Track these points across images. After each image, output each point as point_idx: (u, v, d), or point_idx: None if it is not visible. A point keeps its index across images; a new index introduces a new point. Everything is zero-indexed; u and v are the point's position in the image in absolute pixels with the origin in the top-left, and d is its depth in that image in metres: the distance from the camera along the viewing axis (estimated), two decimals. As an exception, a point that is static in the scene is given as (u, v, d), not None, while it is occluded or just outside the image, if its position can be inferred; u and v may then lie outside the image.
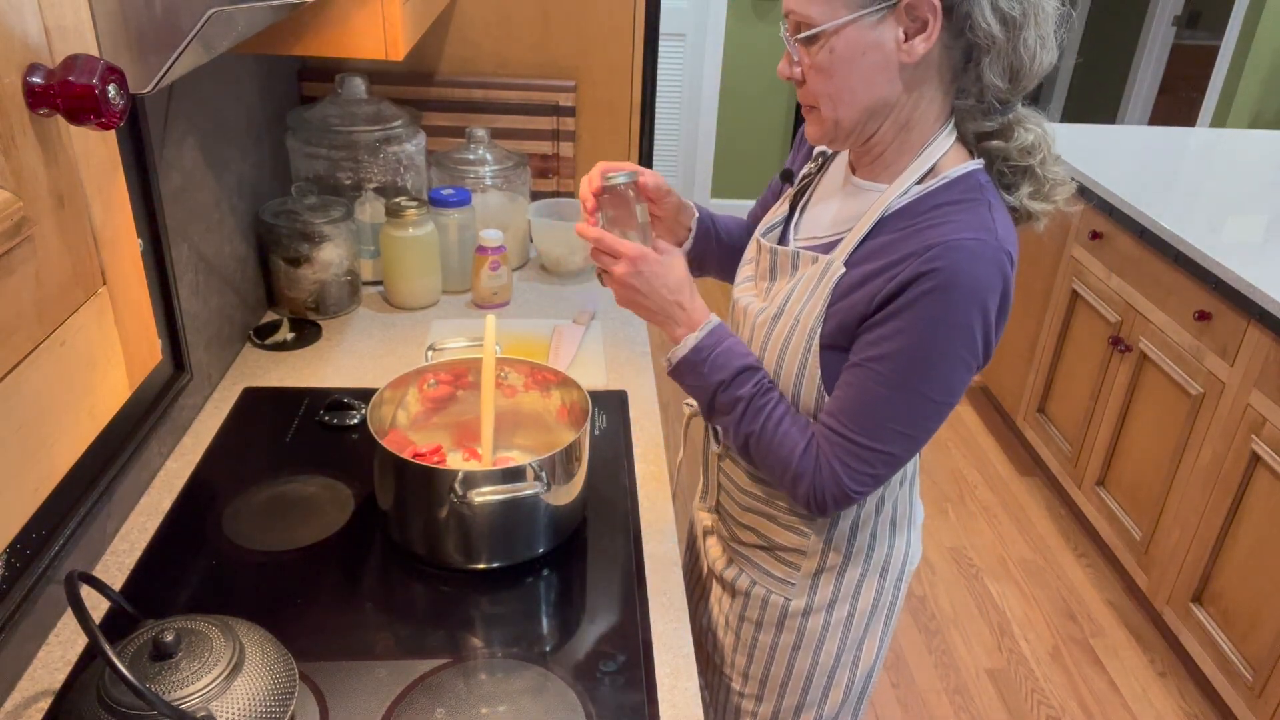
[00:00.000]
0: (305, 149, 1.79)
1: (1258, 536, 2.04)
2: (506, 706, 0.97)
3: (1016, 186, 1.01)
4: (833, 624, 1.20)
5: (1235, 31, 4.44)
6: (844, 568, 1.17)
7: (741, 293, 1.15)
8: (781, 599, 1.20)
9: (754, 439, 1.05)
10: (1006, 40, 0.91)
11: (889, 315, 0.95)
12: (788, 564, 1.18)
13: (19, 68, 0.42)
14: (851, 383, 0.99)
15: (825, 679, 1.24)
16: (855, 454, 0.99)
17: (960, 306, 0.92)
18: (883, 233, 0.99)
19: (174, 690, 0.81)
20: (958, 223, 0.93)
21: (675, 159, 4.82)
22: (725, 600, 1.28)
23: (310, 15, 1.18)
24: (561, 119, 2.02)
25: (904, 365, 0.95)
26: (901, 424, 0.97)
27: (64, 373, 0.48)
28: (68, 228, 0.48)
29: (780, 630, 1.22)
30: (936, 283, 0.91)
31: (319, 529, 1.21)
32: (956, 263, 0.91)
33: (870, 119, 0.97)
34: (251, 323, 1.66)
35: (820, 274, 1.02)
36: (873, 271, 0.97)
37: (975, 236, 0.92)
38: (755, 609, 1.23)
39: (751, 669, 1.27)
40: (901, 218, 0.98)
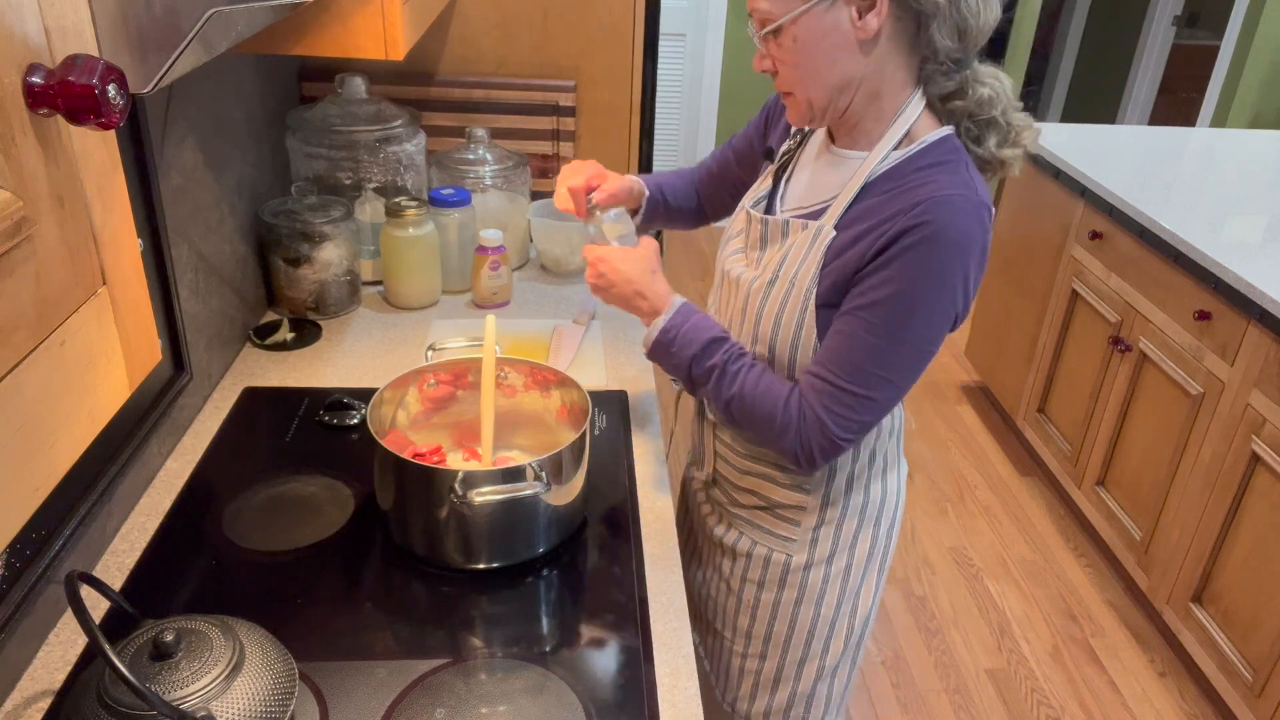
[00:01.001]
0: (305, 149, 1.79)
1: (1258, 536, 2.04)
2: (506, 706, 0.97)
3: (984, 139, 1.08)
4: (832, 576, 1.26)
5: (1235, 31, 4.44)
6: (841, 520, 1.23)
7: (732, 264, 1.20)
8: (783, 556, 1.26)
9: (735, 402, 1.11)
10: (949, 4, 0.98)
11: (878, 266, 1.01)
12: (788, 521, 1.24)
13: (19, 68, 0.42)
14: (840, 331, 1.05)
15: (827, 630, 1.30)
16: (841, 400, 1.05)
17: (946, 258, 0.99)
18: (868, 196, 1.06)
19: (174, 690, 0.81)
20: (940, 182, 1.00)
21: (675, 159, 4.82)
22: (725, 564, 1.33)
23: (310, 15, 1.18)
24: (561, 119, 2.02)
25: (890, 313, 1.01)
26: (886, 369, 1.03)
27: (64, 373, 0.48)
28: (68, 228, 0.48)
29: (783, 587, 1.27)
30: (924, 235, 0.98)
31: (319, 529, 1.21)
32: (942, 217, 0.98)
33: (840, 95, 1.04)
34: (251, 323, 1.66)
35: (812, 239, 1.08)
36: (862, 232, 1.04)
37: (958, 193, 0.99)
38: (757, 569, 1.28)
39: (755, 628, 1.31)
40: (886, 181, 1.05)
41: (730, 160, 1.38)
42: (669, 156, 4.79)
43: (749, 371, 1.11)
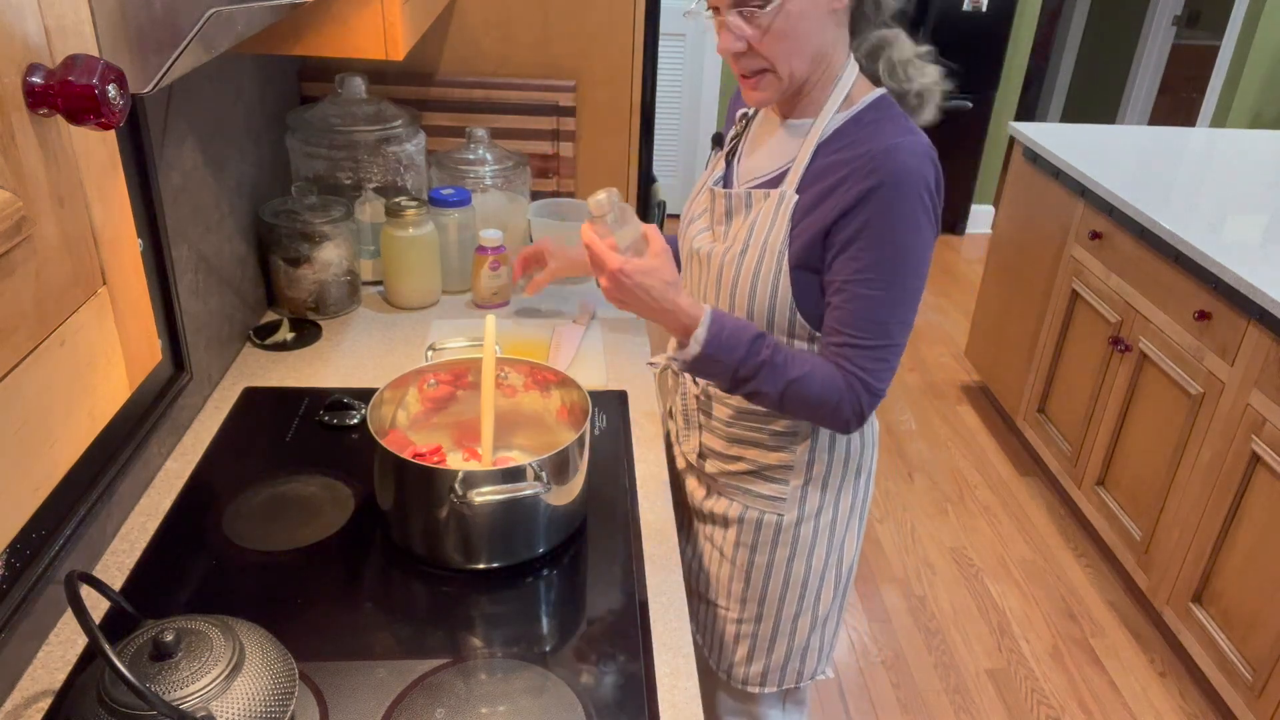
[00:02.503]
0: (305, 149, 1.79)
1: (1258, 536, 2.04)
2: (506, 706, 0.97)
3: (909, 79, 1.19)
4: (820, 529, 1.33)
5: (1235, 31, 4.44)
6: (826, 476, 1.30)
7: (700, 241, 1.26)
8: (775, 516, 1.32)
9: (789, 390, 1.13)
10: None
11: (856, 233, 1.08)
12: (777, 482, 1.30)
13: (19, 68, 0.42)
14: (847, 298, 1.11)
15: (818, 581, 1.37)
16: (872, 356, 1.12)
17: (910, 198, 1.07)
18: (821, 157, 1.14)
19: (174, 690, 0.81)
20: (884, 133, 1.09)
21: (675, 159, 4.82)
22: (717, 533, 1.38)
23: (310, 15, 1.18)
24: (561, 119, 2.02)
25: (887, 267, 1.09)
26: (897, 313, 1.12)
27: (64, 373, 0.48)
28: (68, 228, 0.48)
29: (775, 546, 1.33)
30: (885, 185, 1.06)
31: (319, 529, 1.21)
32: (895, 163, 1.06)
33: (814, 66, 1.12)
34: (251, 323, 1.66)
35: (776, 205, 1.15)
36: (822, 191, 1.11)
37: (900, 139, 1.08)
38: (749, 533, 1.34)
39: (749, 591, 1.37)
40: (835, 140, 1.13)
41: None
42: (669, 156, 4.79)
43: (792, 360, 1.13)
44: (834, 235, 1.10)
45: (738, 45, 1.08)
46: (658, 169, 3.12)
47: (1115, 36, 5.96)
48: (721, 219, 1.23)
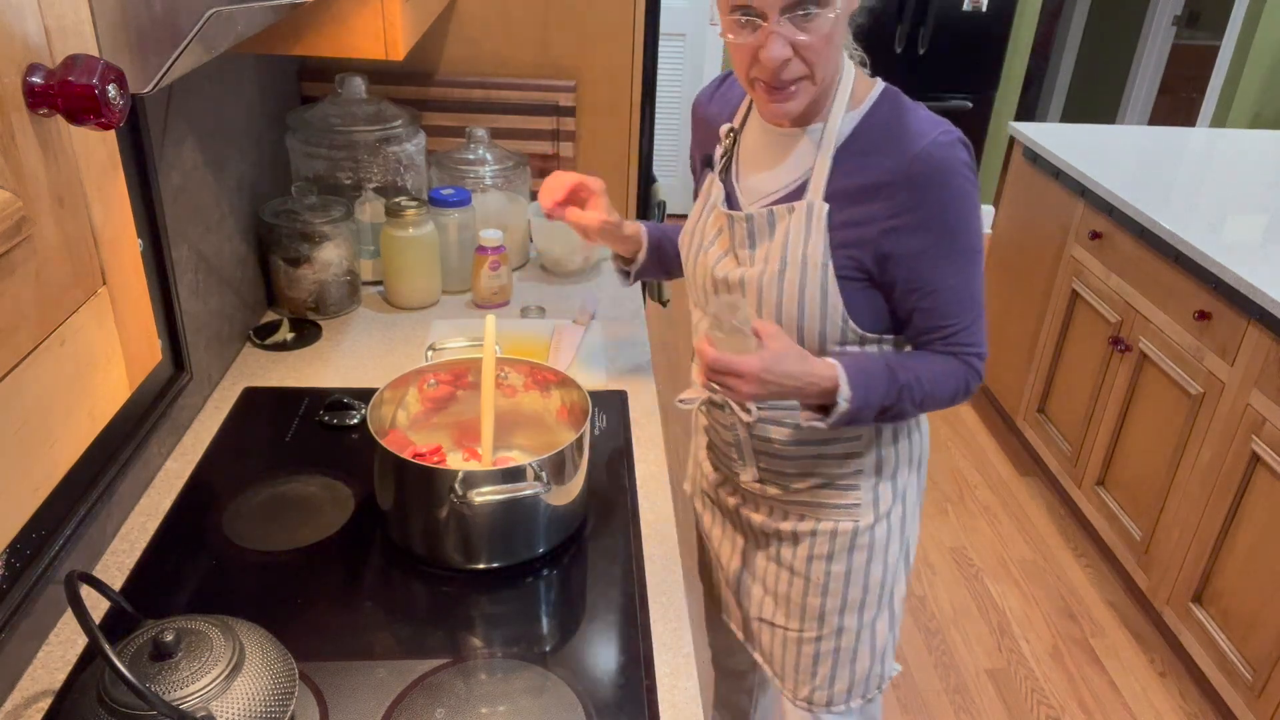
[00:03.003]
0: (305, 149, 1.79)
1: (1258, 536, 2.04)
2: (506, 706, 0.97)
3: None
4: (893, 525, 1.31)
5: (1235, 31, 4.44)
6: (895, 471, 1.29)
7: (724, 269, 1.21)
8: (851, 523, 1.29)
9: (925, 403, 1.15)
10: None
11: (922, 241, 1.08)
12: (850, 489, 1.27)
13: (19, 68, 0.42)
14: (935, 296, 1.12)
15: (892, 578, 1.35)
16: (971, 332, 1.15)
17: (959, 187, 1.08)
18: (844, 161, 1.11)
19: (174, 690, 0.81)
20: (909, 130, 1.08)
21: (675, 159, 4.82)
22: (785, 551, 1.34)
23: (310, 15, 1.18)
24: (561, 119, 2.02)
25: (959, 253, 1.10)
26: (977, 281, 1.14)
27: (64, 373, 0.48)
28: (68, 228, 0.48)
29: (853, 551, 1.30)
30: (935, 187, 1.07)
31: (319, 529, 1.21)
32: (937, 162, 1.06)
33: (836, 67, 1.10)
34: (251, 323, 1.66)
35: (806, 218, 1.12)
36: (858, 197, 1.10)
37: (930, 135, 1.07)
38: (824, 543, 1.30)
39: (828, 604, 1.33)
40: (856, 143, 1.11)
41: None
42: (669, 156, 4.79)
43: (920, 370, 1.13)
44: (892, 245, 1.09)
45: (786, 51, 1.02)
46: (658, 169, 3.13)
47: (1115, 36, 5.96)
48: (744, 243, 1.18)
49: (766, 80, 1.06)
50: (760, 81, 1.07)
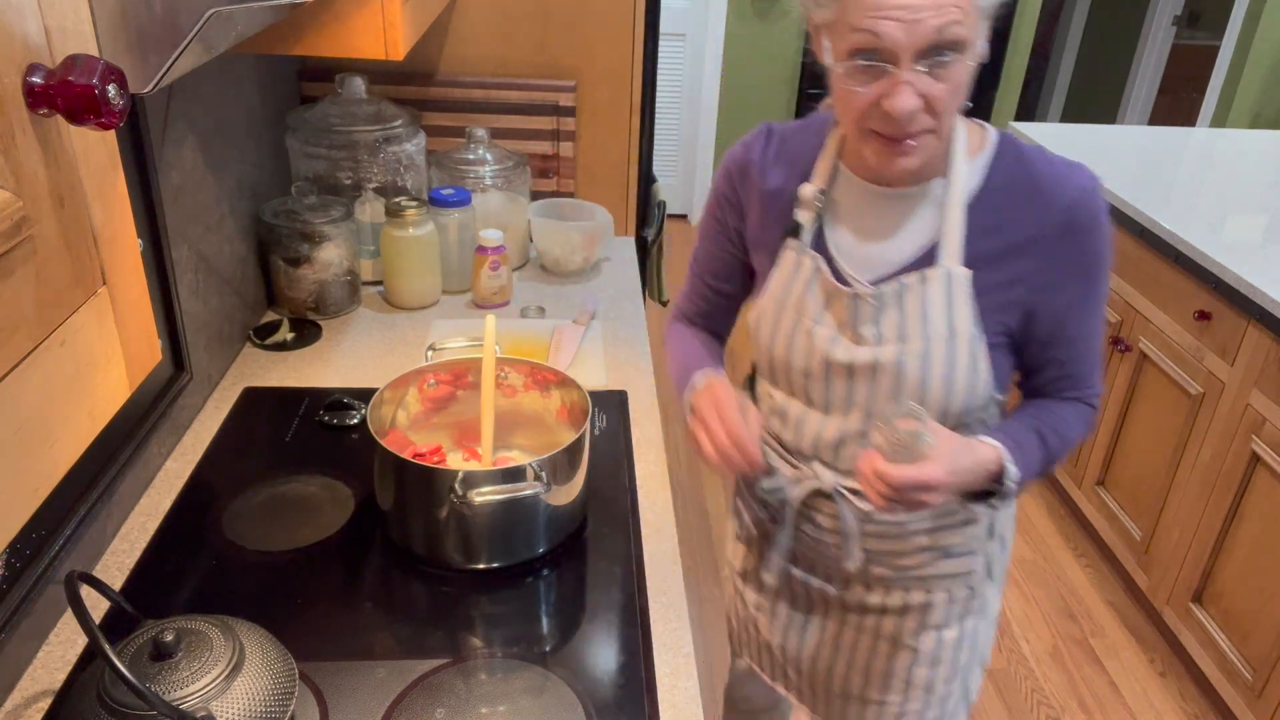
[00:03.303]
0: (305, 149, 1.79)
1: (1258, 536, 2.04)
2: (506, 706, 0.97)
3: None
4: (995, 579, 1.26)
5: (1235, 31, 4.44)
6: (997, 525, 1.22)
7: (843, 352, 1.07)
8: (967, 589, 1.22)
9: (1064, 457, 1.11)
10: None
11: (1074, 291, 1.03)
12: (967, 554, 1.20)
13: (19, 68, 0.42)
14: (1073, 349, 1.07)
15: (992, 632, 1.30)
16: (1096, 375, 1.11)
17: (1107, 229, 1.03)
18: (977, 218, 1.02)
19: (174, 690, 0.81)
20: (1053, 176, 1.01)
21: (675, 159, 4.82)
22: (891, 625, 1.23)
23: (310, 15, 1.18)
24: (561, 119, 2.02)
25: (1097, 300, 1.06)
26: (1099, 329, 1.09)
27: (64, 373, 0.48)
28: (68, 228, 0.48)
29: (966, 617, 1.24)
30: (1091, 231, 1.01)
31: (319, 529, 1.21)
32: (1093, 206, 1.00)
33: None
34: (251, 323, 1.66)
35: (945, 288, 1.02)
36: (1003, 256, 1.02)
37: (1078, 176, 1.01)
38: (940, 612, 1.22)
39: (937, 672, 1.25)
40: (988, 196, 1.02)
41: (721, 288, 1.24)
42: (669, 156, 4.79)
43: (1057, 428, 1.08)
44: (1041, 300, 1.03)
45: (914, 102, 0.90)
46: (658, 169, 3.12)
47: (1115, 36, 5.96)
48: (867, 320, 1.05)
49: (888, 133, 0.94)
50: (876, 134, 0.94)
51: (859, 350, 1.06)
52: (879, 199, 1.05)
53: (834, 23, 0.92)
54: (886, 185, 1.04)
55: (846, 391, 1.09)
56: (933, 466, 0.95)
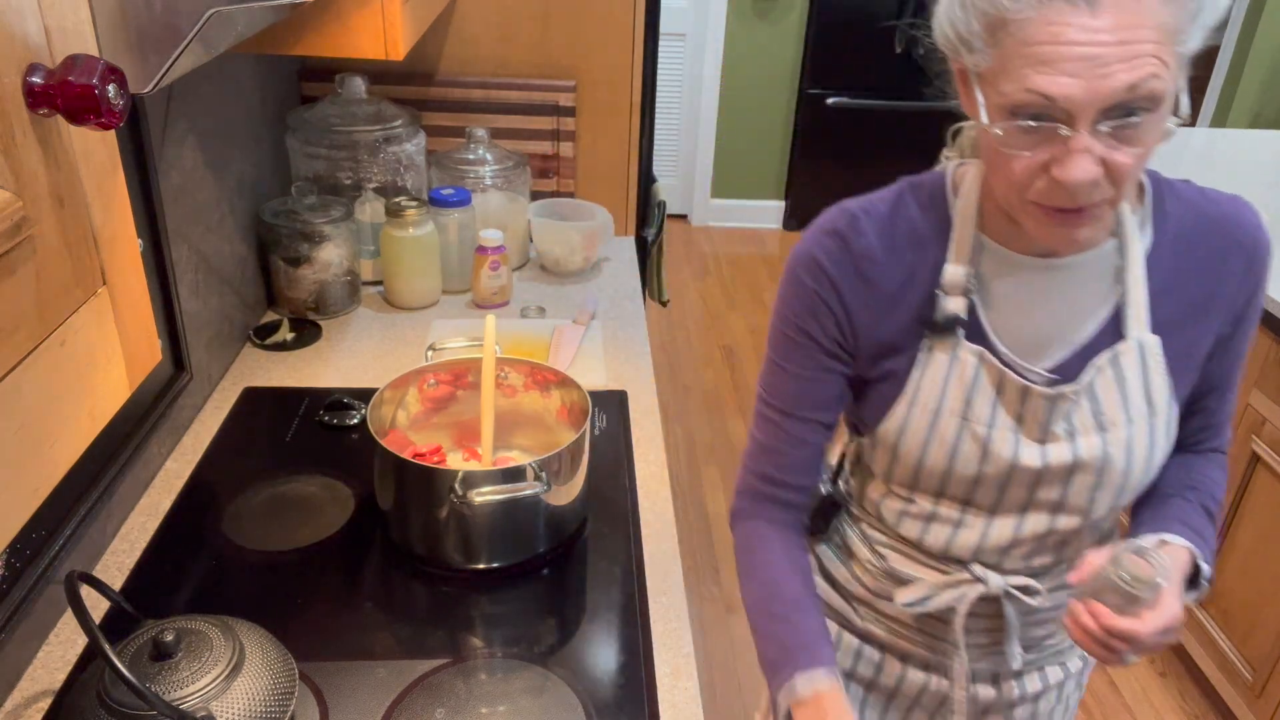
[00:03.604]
0: (305, 149, 1.79)
1: (1258, 536, 2.04)
2: (506, 706, 0.97)
3: None
4: None
5: (1235, 31, 4.45)
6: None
7: (1031, 456, 0.92)
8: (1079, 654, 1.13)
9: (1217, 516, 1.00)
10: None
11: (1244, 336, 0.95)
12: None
13: (19, 68, 0.42)
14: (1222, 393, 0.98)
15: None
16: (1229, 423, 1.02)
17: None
18: (1157, 278, 0.90)
19: (174, 690, 0.81)
20: (1220, 216, 0.91)
21: (675, 159, 4.82)
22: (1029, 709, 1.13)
23: (310, 15, 1.18)
24: (561, 119, 2.02)
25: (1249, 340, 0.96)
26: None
27: (64, 373, 0.48)
28: (68, 228, 0.48)
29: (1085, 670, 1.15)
30: (1265, 269, 0.92)
31: (319, 529, 1.21)
32: (1265, 243, 0.92)
33: None
34: (251, 323, 1.66)
35: (1139, 361, 0.90)
36: (1189, 315, 0.91)
37: (1244, 210, 0.92)
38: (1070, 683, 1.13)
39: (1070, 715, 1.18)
40: (1162, 252, 0.90)
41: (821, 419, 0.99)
42: (669, 156, 4.79)
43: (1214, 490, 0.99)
44: (1218, 351, 0.94)
45: (1095, 169, 0.74)
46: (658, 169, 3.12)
47: (1115, 36, 5.95)
48: (1058, 416, 0.91)
49: (1055, 205, 0.78)
50: (1039, 204, 0.79)
51: (1052, 450, 0.91)
52: (1040, 272, 0.90)
53: (990, 72, 0.76)
54: (1047, 256, 0.89)
55: (1028, 494, 0.94)
56: (1171, 602, 0.84)
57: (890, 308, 0.93)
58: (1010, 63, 0.74)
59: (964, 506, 0.97)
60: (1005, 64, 0.74)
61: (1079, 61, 0.71)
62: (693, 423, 3.29)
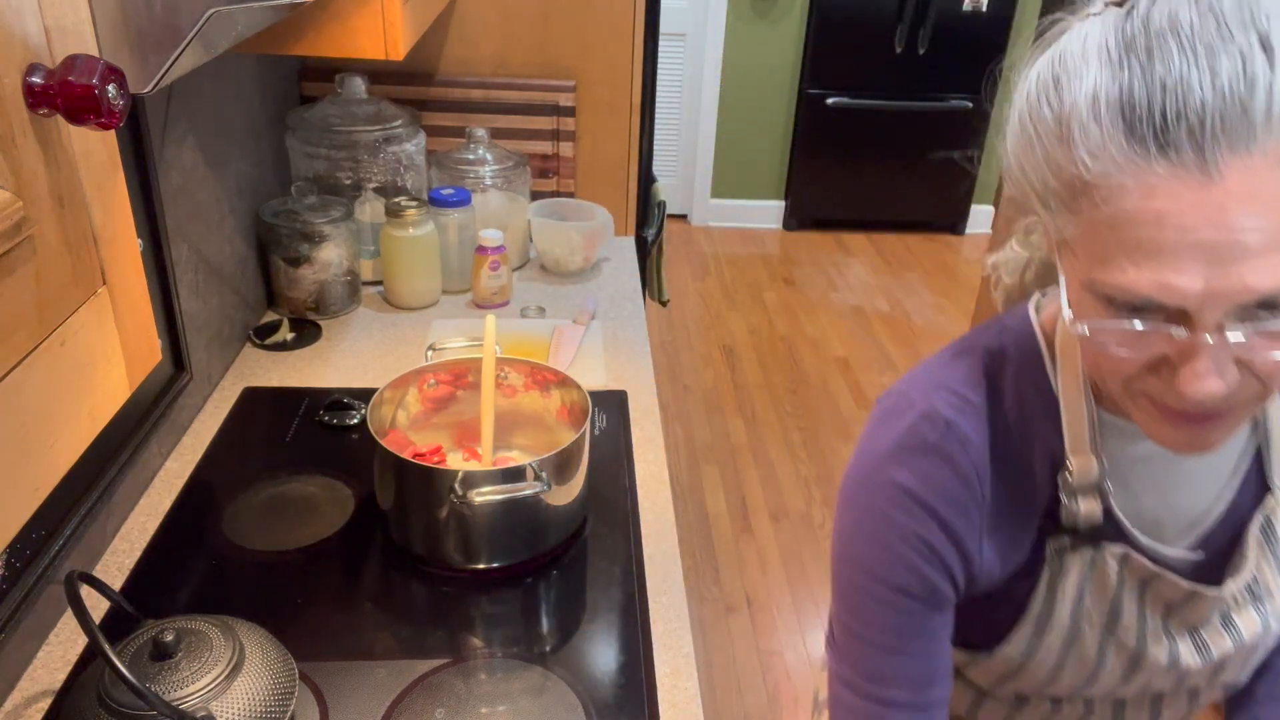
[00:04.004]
0: (305, 149, 1.79)
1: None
2: (506, 706, 0.97)
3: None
4: None
5: (1235, 31, 4.44)
6: None
7: (1188, 655, 0.78)
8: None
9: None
10: None
11: None
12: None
13: (19, 68, 0.42)
14: None
15: None
16: None
17: None
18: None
19: (174, 690, 0.81)
20: None
21: (675, 159, 4.82)
22: None
23: (310, 15, 1.18)
24: (561, 119, 2.02)
25: None
26: None
27: (64, 373, 0.48)
28: (68, 228, 0.48)
29: None
30: None
31: (319, 529, 1.21)
32: None
33: None
34: (251, 323, 1.66)
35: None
36: None
37: None
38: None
39: None
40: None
41: (937, 698, 0.77)
42: (669, 156, 4.79)
43: None
44: None
45: (1229, 376, 0.57)
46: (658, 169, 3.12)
47: (1115, 36, 5.96)
48: (1214, 606, 0.77)
49: (1174, 408, 0.61)
50: (1152, 400, 0.62)
51: (1212, 641, 0.78)
52: (1165, 464, 0.75)
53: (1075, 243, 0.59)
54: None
55: (1175, 683, 0.81)
56: None
57: (1002, 521, 0.74)
58: (1100, 242, 0.56)
59: (1088, 704, 0.83)
60: (1093, 241, 0.56)
61: (1195, 251, 0.52)
62: (693, 423, 3.29)
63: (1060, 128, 0.58)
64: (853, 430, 3.26)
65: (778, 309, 4.10)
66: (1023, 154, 0.62)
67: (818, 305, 4.14)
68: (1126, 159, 0.54)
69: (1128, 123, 0.54)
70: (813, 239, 4.82)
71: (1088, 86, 0.56)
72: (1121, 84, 0.54)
